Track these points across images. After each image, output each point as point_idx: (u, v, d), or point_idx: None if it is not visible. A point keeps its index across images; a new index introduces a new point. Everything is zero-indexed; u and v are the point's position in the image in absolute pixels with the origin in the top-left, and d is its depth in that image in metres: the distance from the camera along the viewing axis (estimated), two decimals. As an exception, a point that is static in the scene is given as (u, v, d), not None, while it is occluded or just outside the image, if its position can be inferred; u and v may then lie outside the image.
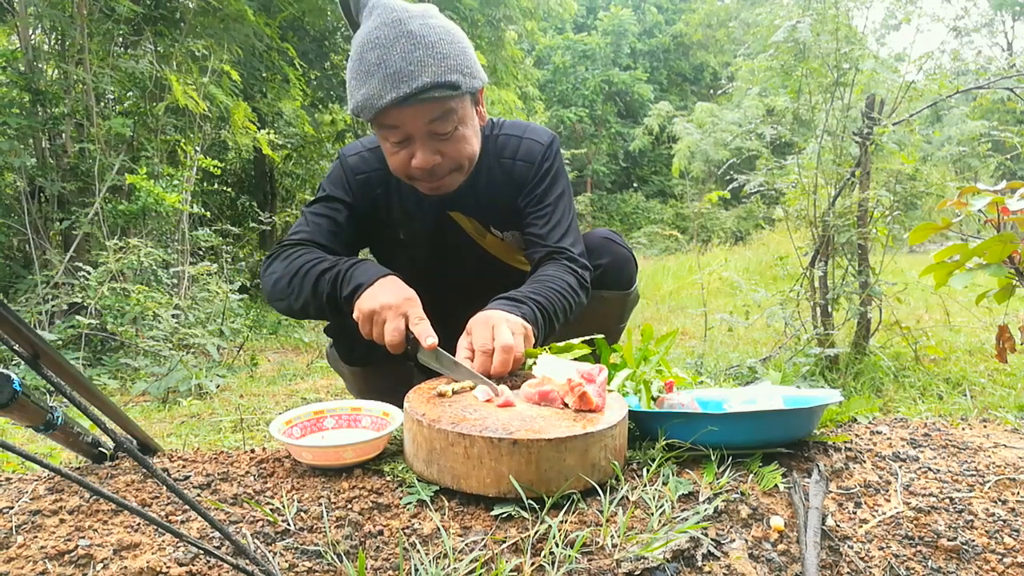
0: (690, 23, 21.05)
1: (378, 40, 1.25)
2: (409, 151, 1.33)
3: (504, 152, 1.52)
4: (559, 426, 0.99)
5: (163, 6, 6.03)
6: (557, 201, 1.51)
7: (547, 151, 1.52)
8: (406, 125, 1.29)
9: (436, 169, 1.35)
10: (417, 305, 1.22)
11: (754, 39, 4.44)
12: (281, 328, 6.12)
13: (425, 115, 1.28)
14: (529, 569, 0.82)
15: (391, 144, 1.34)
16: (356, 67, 1.28)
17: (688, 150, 7.06)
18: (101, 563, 0.82)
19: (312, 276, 1.32)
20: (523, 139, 1.53)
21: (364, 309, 1.22)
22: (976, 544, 0.96)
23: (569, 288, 1.40)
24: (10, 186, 5.12)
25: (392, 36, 1.24)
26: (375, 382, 1.58)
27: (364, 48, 1.26)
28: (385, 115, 1.28)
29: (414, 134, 1.31)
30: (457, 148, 1.36)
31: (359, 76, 1.27)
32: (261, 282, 1.45)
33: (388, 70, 1.23)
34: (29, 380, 2.90)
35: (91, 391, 0.98)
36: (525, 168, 1.51)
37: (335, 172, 1.54)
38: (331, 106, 9.89)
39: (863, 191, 3.25)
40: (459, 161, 1.38)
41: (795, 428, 1.13)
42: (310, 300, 1.33)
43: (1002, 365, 2.92)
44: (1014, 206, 1.18)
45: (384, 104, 1.24)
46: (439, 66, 1.25)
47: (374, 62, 1.24)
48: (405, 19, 1.26)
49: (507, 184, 1.52)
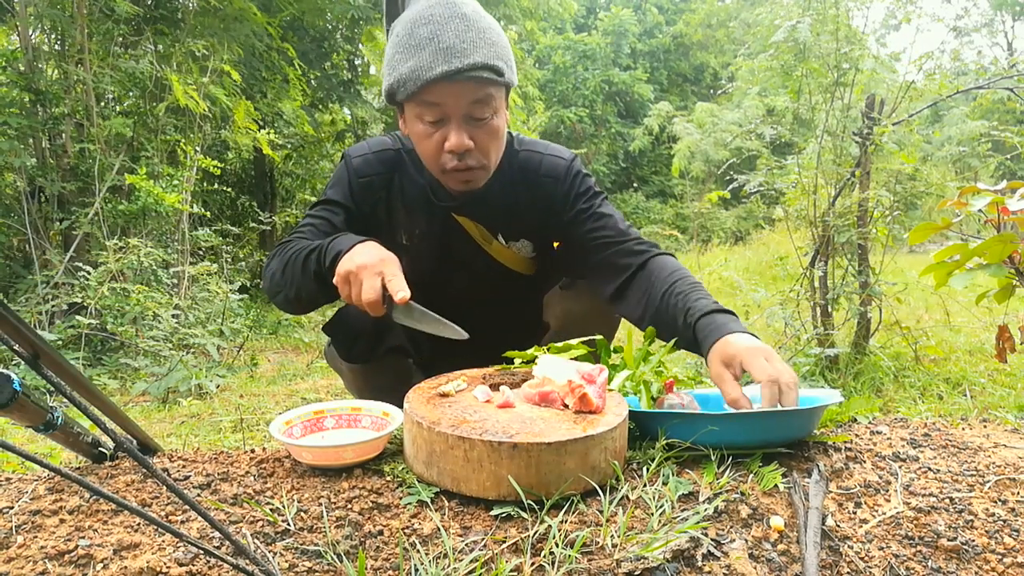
0: (690, 23, 21.04)
1: (432, 17, 1.28)
2: (443, 133, 1.34)
3: (528, 166, 1.55)
4: (559, 429, 0.99)
5: (163, 6, 6.03)
6: (604, 204, 1.54)
7: (572, 165, 1.56)
8: (447, 102, 1.31)
9: (468, 156, 1.36)
10: (394, 264, 1.22)
11: (754, 39, 4.44)
12: (281, 328, 6.12)
13: (469, 94, 1.30)
14: (529, 569, 0.82)
15: (426, 124, 1.35)
16: (405, 41, 1.30)
17: (688, 150, 7.07)
18: (101, 563, 0.82)
19: (300, 259, 1.34)
20: (545, 156, 1.56)
21: (341, 272, 1.22)
22: (976, 544, 0.96)
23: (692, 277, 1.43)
24: (10, 186, 5.12)
25: (446, 15, 1.28)
26: (374, 380, 1.58)
27: (416, 24, 1.29)
28: (430, 89, 1.29)
29: (452, 114, 1.32)
30: (488, 138, 1.37)
31: (407, 50, 1.29)
32: (262, 283, 1.46)
33: (440, 44, 1.26)
34: (29, 380, 2.90)
35: (91, 391, 0.98)
36: (552, 183, 1.54)
37: (338, 174, 1.54)
38: (331, 106, 9.89)
39: (863, 191, 3.25)
40: (488, 154, 1.39)
41: (795, 428, 1.13)
42: (302, 283, 1.34)
43: (1002, 365, 2.92)
44: (1014, 206, 1.18)
45: (433, 75, 1.26)
46: (489, 50, 1.29)
47: (426, 36, 1.27)
48: (459, 2, 1.31)
49: (528, 197, 1.54)
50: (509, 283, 1.61)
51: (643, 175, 21.00)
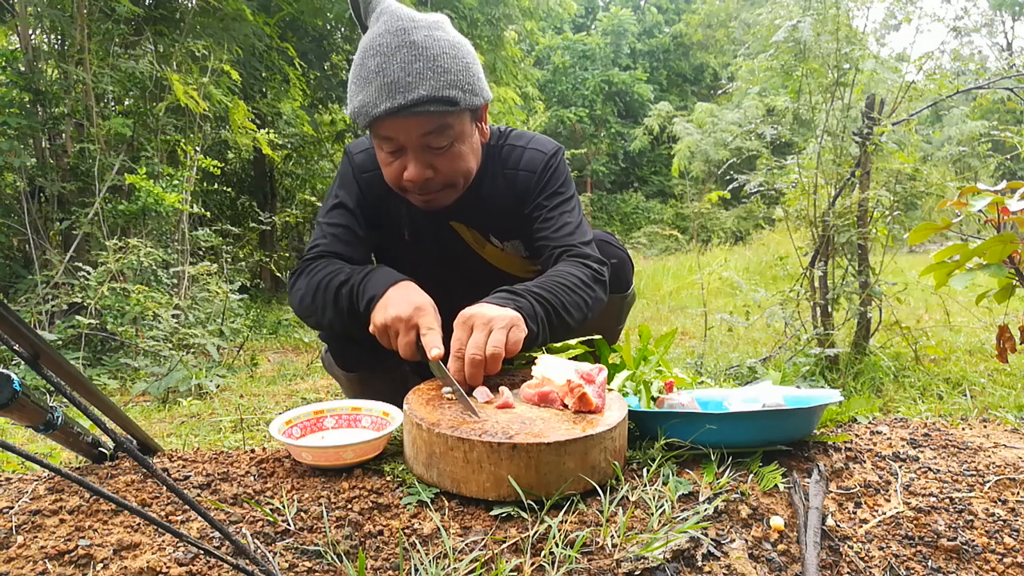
0: (690, 23, 21.04)
1: (380, 47, 1.24)
2: (402, 162, 1.32)
3: (507, 162, 1.51)
4: (559, 429, 0.99)
5: (163, 6, 6.03)
6: (562, 205, 1.49)
7: (550, 160, 1.51)
8: (399, 136, 1.28)
9: (428, 184, 1.34)
10: (428, 314, 1.21)
11: (754, 39, 4.44)
12: (281, 328, 6.11)
13: (419, 128, 1.27)
14: (529, 569, 0.82)
15: (385, 153, 1.34)
16: (357, 72, 1.28)
17: (688, 150, 7.07)
18: (101, 563, 0.82)
19: (331, 291, 1.33)
20: (527, 149, 1.51)
21: (378, 324, 1.23)
22: (976, 544, 0.96)
23: (580, 282, 1.34)
24: (10, 186, 5.11)
25: (394, 45, 1.23)
26: (370, 387, 1.58)
27: (366, 54, 1.26)
28: (379, 125, 1.27)
29: (407, 145, 1.30)
30: (451, 164, 1.34)
31: (358, 82, 1.27)
32: (289, 299, 1.47)
33: (386, 79, 1.22)
34: (29, 380, 2.90)
35: (91, 391, 0.98)
36: (527, 177, 1.50)
37: (343, 171, 1.54)
38: (331, 106, 9.88)
39: (863, 191, 3.25)
40: (452, 178, 1.36)
41: (795, 428, 1.13)
42: (334, 316, 1.35)
43: (1002, 365, 2.92)
44: (1014, 206, 1.18)
45: (378, 113, 1.23)
46: (438, 80, 1.24)
47: (373, 69, 1.24)
48: (410, 28, 1.25)
49: (509, 194, 1.51)
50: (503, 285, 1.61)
51: (643, 175, 20.99)
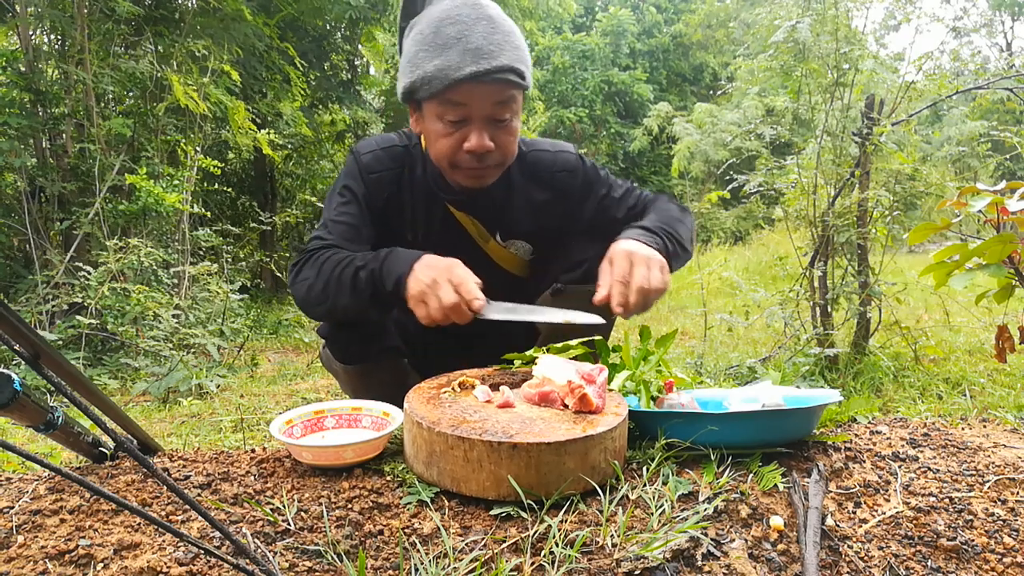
0: (690, 23, 21.03)
1: (459, 17, 1.30)
2: (463, 133, 1.36)
3: (539, 166, 1.59)
4: (559, 429, 0.99)
5: (163, 6, 6.02)
6: (615, 188, 1.62)
7: (580, 158, 1.62)
8: (472, 103, 1.32)
9: (486, 156, 1.38)
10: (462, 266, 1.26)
11: (754, 39, 4.44)
12: (281, 328, 6.11)
13: (494, 95, 1.32)
14: (529, 569, 0.82)
15: (446, 123, 1.36)
16: (430, 40, 1.31)
17: (688, 150, 7.07)
18: (101, 563, 0.82)
19: (347, 278, 1.33)
20: (555, 153, 1.61)
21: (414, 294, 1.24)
22: (975, 544, 0.96)
23: (680, 216, 1.51)
24: (10, 186, 5.11)
25: (473, 16, 1.30)
26: (369, 381, 1.58)
27: (442, 23, 1.30)
28: (456, 89, 1.30)
29: (475, 115, 1.34)
30: (507, 140, 1.40)
31: (433, 48, 1.30)
32: (292, 290, 1.45)
33: (469, 45, 1.28)
34: (29, 380, 2.90)
35: (91, 391, 0.98)
36: (567, 177, 1.59)
37: (350, 169, 1.55)
38: (331, 106, 9.88)
39: (863, 191, 3.25)
40: (507, 154, 1.43)
41: (795, 428, 1.13)
42: (351, 303, 1.35)
43: (1001, 365, 2.92)
44: (1014, 206, 1.18)
45: (462, 75, 1.27)
46: (514, 53, 1.32)
47: (453, 36, 1.28)
48: (484, 4, 1.33)
49: (545, 194, 1.58)
50: (502, 284, 1.61)
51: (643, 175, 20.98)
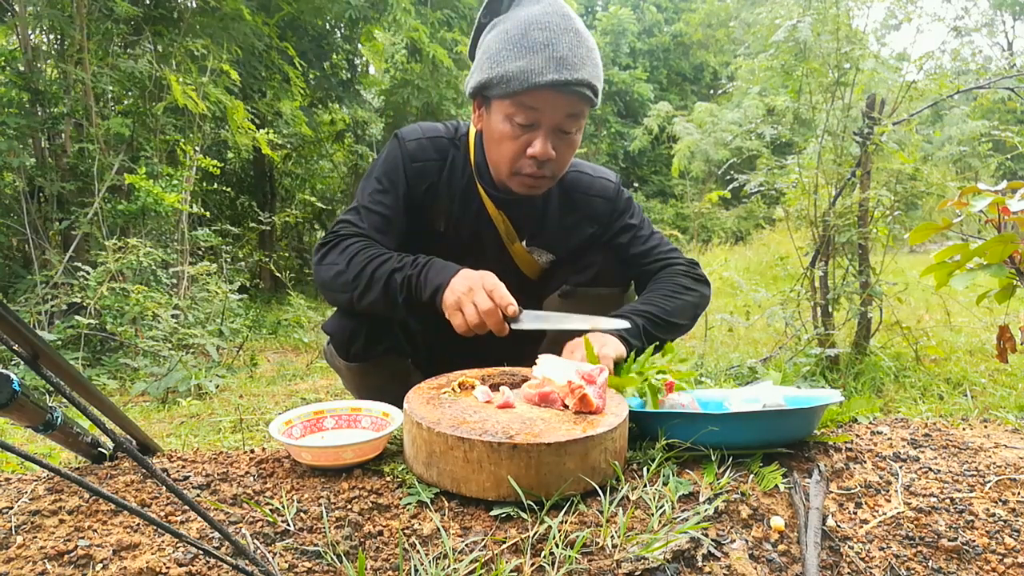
0: (690, 23, 21.02)
1: (549, 24, 1.32)
2: (529, 138, 1.38)
3: (578, 186, 1.61)
4: (559, 429, 0.98)
5: (162, 6, 6.02)
6: (646, 226, 1.66)
7: (619, 189, 1.65)
8: (547, 110, 1.34)
9: (546, 164, 1.40)
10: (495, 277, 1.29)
11: (754, 39, 4.43)
12: (281, 328, 6.11)
13: (568, 107, 1.34)
14: (529, 570, 0.82)
15: (514, 125, 1.37)
16: (517, 41, 1.32)
17: (688, 150, 7.07)
18: (101, 563, 0.81)
19: (381, 277, 1.34)
20: (595, 178, 1.64)
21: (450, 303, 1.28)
22: (977, 544, 0.96)
23: (684, 288, 1.55)
24: (9, 186, 5.11)
25: (562, 26, 1.32)
26: (372, 379, 1.59)
27: (531, 26, 1.32)
28: (534, 94, 1.32)
29: (545, 122, 1.36)
30: (568, 153, 1.43)
31: (519, 49, 1.32)
32: (315, 271, 1.45)
33: (556, 53, 1.30)
34: (29, 380, 2.89)
35: (90, 391, 0.98)
36: (603, 204, 1.62)
37: (392, 157, 1.54)
38: (331, 105, 9.88)
39: (863, 191, 3.25)
40: (563, 166, 1.46)
41: (796, 428, 1.13)
42: (378, 300, 1.36)
43: (1003, 365, 2.92)
44: (1015, 206, 1.18)
45: (543, 81, 1.29)
46: (594, 70, 1.35)
47: (541, 41, 1.30)
48: (572, 16, 1.35)
49: (580, 216, 1.61)
50: (517, 285, 1.61)
51: (643, 175, 20.97)
